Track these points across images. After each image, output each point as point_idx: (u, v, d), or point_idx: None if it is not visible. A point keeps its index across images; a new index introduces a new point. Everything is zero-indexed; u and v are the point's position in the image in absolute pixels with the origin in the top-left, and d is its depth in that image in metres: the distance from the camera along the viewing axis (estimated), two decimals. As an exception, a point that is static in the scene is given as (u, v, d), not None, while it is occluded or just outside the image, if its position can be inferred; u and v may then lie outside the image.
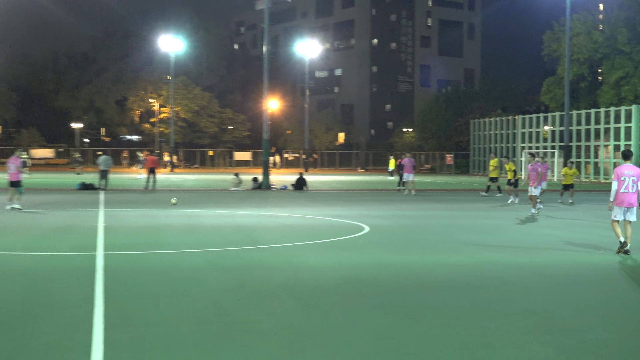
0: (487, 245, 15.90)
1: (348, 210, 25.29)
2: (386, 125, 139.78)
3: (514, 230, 19.66)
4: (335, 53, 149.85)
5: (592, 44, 73.86)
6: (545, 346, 7.63)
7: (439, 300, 10.03)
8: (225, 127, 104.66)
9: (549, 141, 69.00)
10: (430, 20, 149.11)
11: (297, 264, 13.03)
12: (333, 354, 7.27)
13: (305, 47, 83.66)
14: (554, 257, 14.40)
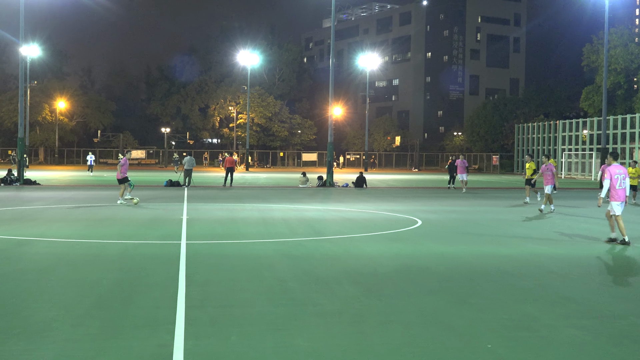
0: (530, 238, 15.64)
1: (403, 206, 25.16)
2: (438, 129, 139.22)
3: (552, 224, 19.28)
4: (393, 65, 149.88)
5: (628, 55, 72.17)
6: (581, 330, 7.48)
7: (486, 287, 9.91)
8: (295, 131, 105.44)
9: (587, 144, 67.54)
10: (479, 35, 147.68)
11: (357, 253, 13.02)
12: (389, 335, 7.23)
13: (366, 60, 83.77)
14: (591, 249, 14.09)
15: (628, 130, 61.21)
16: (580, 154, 67.80)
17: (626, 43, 73.25)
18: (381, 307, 8.57)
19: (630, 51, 72.25)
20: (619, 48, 72.35)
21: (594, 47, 76.72)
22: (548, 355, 6.52)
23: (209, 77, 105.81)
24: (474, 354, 6.53)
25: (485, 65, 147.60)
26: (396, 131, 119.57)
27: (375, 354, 6.52)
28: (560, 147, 71.54)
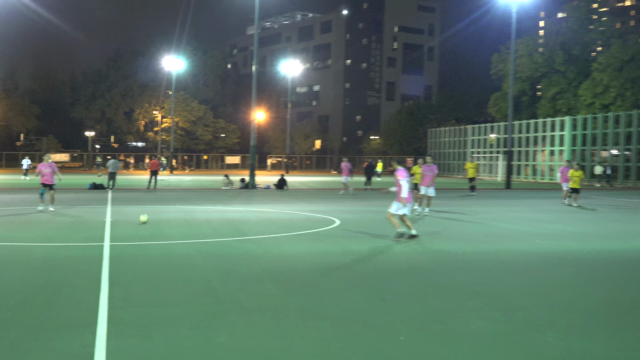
0: (443, 236, 15.94)
1: (322, 206, 25.27)
2: (356, 133, 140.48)
3: (467, 224, 19.70)
4: (314, 72, 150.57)
5: (533, 64, 74.52)
6: (489, 321, 7.66)
7: (400, 283, 10.05)
8: (218, 135, 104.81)
9: (494, 147, 69.39)
10: (396, 43, 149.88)
11: (278, 253, 13.00)
12: (308, 330, 7.24)
13: (288, 66, 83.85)
14: (496, 246, 14.46)
15: (532, 134, 63.20)
16: (488, 157, 69.60)
17: (531, 53, 75.61)
18: (301, 303, 8.58)
19: (534, 60, 74.61)
20: (525, 57, 74.62)
21: (502, 56, 78.91)
22: (458, 346, 6.66)
23: (134, 82, 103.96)
24: (388, 346, 6.61)
25: (401, 72, 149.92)
26: (317, 135, 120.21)
27: (295, 348, 6.52)
28: (470, 149, 73.25)
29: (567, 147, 58.28)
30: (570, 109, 69.38)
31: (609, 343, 6.83)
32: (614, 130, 53.59)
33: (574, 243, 15.07)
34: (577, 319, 7.87)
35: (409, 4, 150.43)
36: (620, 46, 65.87)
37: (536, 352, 6.48)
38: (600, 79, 65.67)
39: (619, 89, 64.18)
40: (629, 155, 52.41)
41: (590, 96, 66.69)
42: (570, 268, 11.71)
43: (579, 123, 57.66)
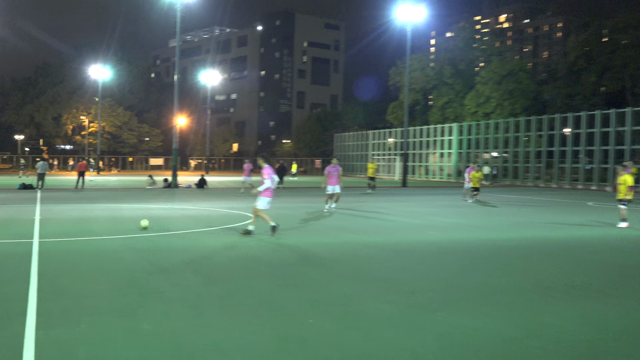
0: (348, 229, 16.11)
1: (239, 204, 25.10)
2: (270, 137, 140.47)
3: (369, 219, 19.96)
4: (232, 81, 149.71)
5: (425, 77, 76.35)
6: (387, 304, 7.79)
7: (309, 271, 10.09)
8: (143, 139, 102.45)
9: (392, 150, 70.70)
10: (306, 57, 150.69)
11: (198, 246, 12.81)
12: (225, 316, 7.17)
13: (207, 76, 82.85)
14: (392, 237, 14.74)
15: (425, 138, 64.77)
16: (387, 158, 70.85)
17: (424, 67, 77.47)
18: (219, 292, 8.49)
19: (426, 74, 76.50)
20: (418, 71, 76.36)
21: (399, 70, 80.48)
22: (359, 325, 6.74)
23: (62, 89, 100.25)
24: (299, 329, 6.63)
25: (310, 83, 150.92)
26: (234, 139, 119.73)
27: (213, 333, 6.45)
28: (371, 152, 74.37)
29: (454, 150, 60.00)
30: (457, 116, 71.51)
31: (488, 318, 7.07)
32: (494, 135, 55.55)
33: (461, 233, 15.52)
34: (462, 299, 8.10)
35: (316, 22, 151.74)
36: (499, 62, 68.36)
37: (428, 329, 6.63)
38: (482, 90, 67.96)
39: (498, 99, 66.59)
40: (507, 157, 54.45)
41: (474, 105, 68.92)
42: (456, 255, 12.05)
43: (465, 129, 59.46)
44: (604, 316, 7.32)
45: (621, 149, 43.52)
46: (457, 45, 76.77)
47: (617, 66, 59.79)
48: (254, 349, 5.91)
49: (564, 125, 48.87)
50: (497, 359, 5.69)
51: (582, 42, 63.08)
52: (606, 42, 61.67)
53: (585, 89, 62.01)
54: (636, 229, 16.87)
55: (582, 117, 46.55)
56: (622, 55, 59.32)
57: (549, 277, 9.76)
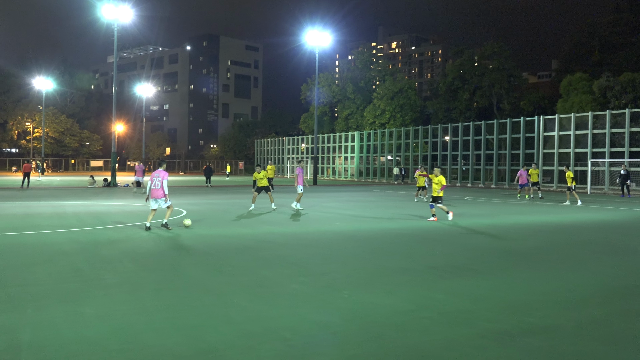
0: (269, 222, 16.02)
1: (172, 200, 24.48)
2: (199, 143, 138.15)
3: (285, 213, 19.92)
4: (165, 94, 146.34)
5: (332, 93, 77.08)
6: (301, 284, 7.80)
7: (234, 258, 9.96)
8: (84, 143, 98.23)
9: (304, 154, 70.98)
10: (229, 74, 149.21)
11: (136, 237, 12.40)
12: (161, 299, 6.96)
13: (142, 89, 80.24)
14: (307, 228, 14.79)
15: (332, 144, 65.39)
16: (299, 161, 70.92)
17: (330, 84, 78.18)
18: (155, 277, 8.24)
19: (332, 90, 77.26)
20: (325, 87, 77.01)
21: (309, 86, 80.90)
22: (277, 303, 6.71)
23: (7, 98, 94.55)
24: (225, 308, 6.52)
25: (234, 96, 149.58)
26: (167, 144, 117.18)
27: (149, 314, 6.24)
28: (287, 156, 74.41)
29: (356, 153, 60.89)
30: (358, 126, 72.64)
31: (386, 295, 7.20)
32: (388, 142, 56.77)
33: (363, 224, 15.75)
34: (364, 280, 8.21)
35: (238, 44, 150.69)
36: (391, 82, 69.97)
37: (336, 306, 6.68)
38: (378, 104, 69.35)
39: (391, 112, 68.15)
40: (400, 160, 55.76)
41: (372, 117, 70.23)
42: (359, 242, 12.22)
43: (365, 136, 60.45)
44: (477, 290, 7.61)
45: (490, 154, 45.51)
46: (357, 66, 77.97)
47: (486, 86, 62.51)
48: (186, 327, 5.76)
49: (445, 133, 50.60)
50: (392, 328, 5.80)
51: (457, 66, 65.48)
52: (477, 67, 64.32)
53: (461, 104, 64.46)
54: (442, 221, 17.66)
55: (459, 127, 48.34)
56: (490, 77, 62.07)
57: (436, 259, 10.05)
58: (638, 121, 35.67)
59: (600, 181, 37.01)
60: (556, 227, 15.39)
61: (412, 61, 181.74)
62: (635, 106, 40.85)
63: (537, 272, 8.92)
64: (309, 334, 5.57)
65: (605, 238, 13.31)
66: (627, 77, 43.83)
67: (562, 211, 20.75)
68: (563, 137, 39.73)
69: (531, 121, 42.45)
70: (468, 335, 5.59)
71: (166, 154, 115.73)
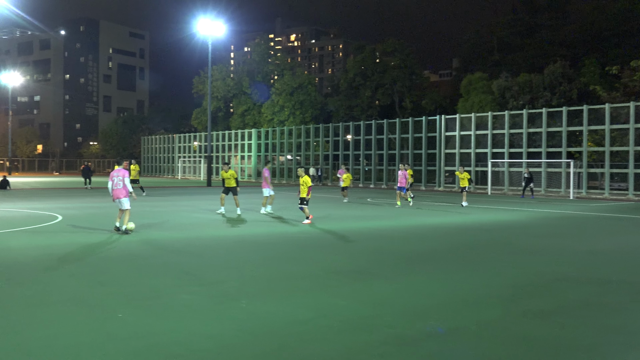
0: (154, 226, 15.57)
1: (45, 204, 23.20)
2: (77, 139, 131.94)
3: (178, 214, 19.46)
4: (35, 83, 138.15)
5: (226, 87, 76.35)
6: (192, 294, 7.67)
7: (119, 267, 9.58)
8: None
9: (197, 152, 69.80)
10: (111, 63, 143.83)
11: (2, 247, 11.60)
12: (33, 315, 6.55)
13: (8, 77, 75.43)
14: (205, 232, 14.55)
15: (227, 142, 64.78)
16: (192, 160, 69.77)
17: (224, 77, 77.38)
18: (25, 292, 7.75)
19: (227, 84, 76.52)
20: (220, 81, 76.15)
21: (202, 79, 79.62)
22: (166, 316, 6.55)
23: None
24: (108, 323, 6.27)
25: (117, 87, 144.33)
26: (38, 140, 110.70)
27: (18, 334, 5.86)
28: (177, 154, 72.82)
29: (254, 152, 60.73)
30: (256, 123, 72.48)
31: (285, 303, 7.24)
32: (288, 140, 57.13)
33: (260, 228, 15.72)
34: (262, 287, 8.20)
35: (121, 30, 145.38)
36: (290, 76, 70.47)
37: (231, 316, 6.63)
38: (277, 100, 69.59)
39: (291, 109, 68.64)
40: (300, 160, 56.26)
41: (270, 114, 70.35)
42: (254, 247, 12.18)
43: (262, 134, 60.45)
44: (379, 295, 7.85)
45: (393, 153, 47.06)
46: (254, 59, 77.84)
47: (388, 83, 64.61)
48: (62, 346, 5.47)
49: (347, 132, 51.70)
50: (290, 339, 5.84)
51: (359, 62, 67.17)
52: (378, 63, 66.33)
53: (363, 102, 66.16)
54: (314, 226, 18.32)
55: (361, 126, 49.57)
56: (391, 75, 64.22)
57: (337, 264, 10.24)
58: (535, 122, 38.36)
59: (500, 182, 39.42)
60: (457, 229, 16.20)
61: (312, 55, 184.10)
62: (532, 107, 43.90)
63: (438, 274, 9.34)
64: (200, 349, 5.49)
65: (505, 238, 14.19)
66: (524, 78, 46.99)
67: (463, 212, 21.87)
68: (464, 137, 41.91)
69: (433, 120, 44.41)
70: (370, 342, 5.75)
71: (37, 151, 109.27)
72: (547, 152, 37.12)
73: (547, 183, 37.33)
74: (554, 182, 37.25)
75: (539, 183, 36.90)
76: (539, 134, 38.01)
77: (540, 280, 8.97)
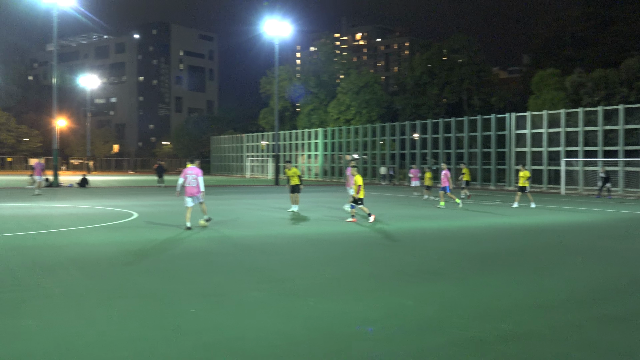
0: (225, 223, 15.88)
1: (122, 202, 24.10)
2: (150, 139, 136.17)
3: (248, 213, 19.80)
4: (111, 86, 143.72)
5: (292, 87, 76.96)
6: (261, 292, 7.77)
7: (189, 264, 9.85)
8: (22, 139, 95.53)
9: (264, 152, 70.77)
10: (182, 65, 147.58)
11: (81, 243, 12.14)
12: (110, 308, 6.83)
13: (86, 80, 78.72)
14: (273, 230, 14.75)
15: (294, 141, 65.37)
16: (260, 159, 70.81)
17: (291, 77, 78.10)
18: (103, 286, 8.08)
19: (293, 83, 77.19)
20: (286, 81, 76.90)
21: (269, 79, 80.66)
22: (236, 312, 6.67)
23: None
24: (181, 318, 6.44)
25: (187, 89, 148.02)
26: (114, 140, 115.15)
27: (97, 326, 6.11)
28: (245, 154, 74.06)
29: (320, 152, 61.03)
30: (322, 122, 72.76)
31: (354, 303, 7.23)
32: (354, 139, 57.09)
33: (327, 227, 15.78)
34: (330, 286, 8.22)
35: (191, 33, 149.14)
36: (356, 75, 70.34)
37: (300, 314, 6.68)
38: (343, 100, 69.61)
39: (357, 108, 68.50)
40: (366, 159, 56.12)
41: (336, 113, 70.44)
42: (320, 246, 12.24)
43: (329, 133, 60.64)
44: (449, 296, 7.72)
45: (461, 152, 46.24)
46: (320, 58, 78.12)
47: (455, 81, 63.48)
48: (137, 339, 5.67)
49: (413, 131, 51.17)
50: (358, 338, 5.83)
51: (425, 59, 66.30)
52: (445, 61, 65.26)
53: (429, 100, 65.28)
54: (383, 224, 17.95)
55: (427, 124, 48.95)
56: (459, 72, 63.06)
57: (402, 264, 10.15)
58: (611, 119, 36.78)
59: (574, 181, 38.03)
60: (528, 230, 15.75)
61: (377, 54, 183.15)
62: (608, 104, 42.13)
63: (508, 276, 9.11)
64: (270, 345, 5.56)
65: (579, 240, 13.68)
66: (599, 74, 45.13)
67: (534, 213, 21.24)
68: (535, 135, 40.67)
69: (502, 118, 43.32)
70: (439, 343, 5.66)
71: (114, 151, 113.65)
72: (625, 150, 35.53)
73: (625, 183, 35.72)
74: (633, 182, 35.60)
75: (617, 183, 35.39)
76: (615, 131, 36.42)
77: (617, 284, 8.60)
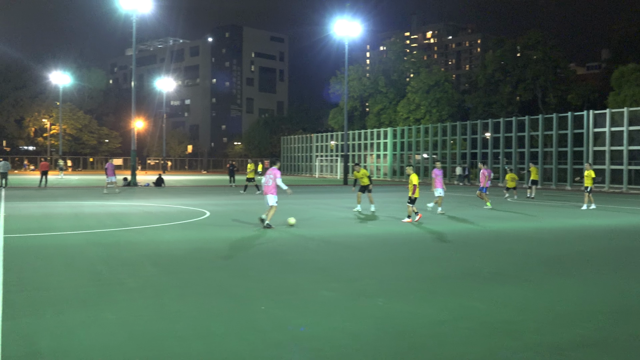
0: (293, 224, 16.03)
1: (195, 200, 24.77)
2: (222, 140, 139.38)
3: (317, 212, 19.94)
4: (186, 88, 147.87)
5: (362, 86, 76.88)
6: (331, 291, 7.80)
7: (259, 262, 10.01)
8: (102, 141, 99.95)
9: (334, 152, 70.99)
10: (253, 66, 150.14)
11: (157, 240, 12.57)
12: (184, 304, 7.03)
13: (162, 83, 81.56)
14: (331, 231, 14.78)
15: (363, 141, 65.27)
16: (329, 159, 71.11)
17: (360, 77, 78.02)
18: (177, 282, 8.33)
19: (363, 83, 77.08)
20: (355, 81, 76.87)
21: (338, 79, 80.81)
22: (308, 311, 6.72)
23: (24, 93, 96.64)
24: (252, 315, 6.56)
25: (258, 90, 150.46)
26: (188, 141, 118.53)
27: (172, 320, 6.31)
28: (315, 154, 74.53)
29: (389, 152, 60.67)
30: (391, 121, 72.32)
31: (422, 304, 7.16)
32: (424, 139, 56.40)
33: (395, 227, 15.68)
34: (398, 287, 8.17)
35: (262, 35, 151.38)
36: (427, 74, 69.46)
37: (369, 314, 6.67)
38: (413, 99, 68.93)
39: (427, 107, 67.67)
40: (436, 158, 55.32)
41: (405, 112, 69.84)
42: (391, 247, 12.17)
43: (398, 133, 60.17)
44: (522, 299, 7.51)
45: (535, 151, 44.87)
46: (390, 57, 77.62)
47: (529, 78, 61.61)
48: (210, 335, 5.81)
49: (485, 130, 50.04)
50: (430, 339, 5.76)
51: (498, 57, 64.69)
52: (519, 57, 63.44)
53: (502, 98, 63.65)
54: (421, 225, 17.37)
55: (500, 123, 47.76)
56: (533, 69, 61.16)
57: (475, 266, 9.95)
58: (698, 116, 34.75)
59: (656, 181, 36.16)
60: (605, 231, 15.10)
61: (448, 52, 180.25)
62: (696, 99, 39.81)
63: (584, 280, 8.77)
64: (340, 344, 5.57)
65: (662, 243, 13.00)
66: (686, 68, 42.73)
67: (612, 214, 20.35)
68: (615, 133, 38.93)
69: (580, 116, 41.69)
70: (512, 347, 5.52)
71: (188, 151, 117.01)
72: None
73: None
74: None
75: None
76: (703, 129, 34.38)
77: None
